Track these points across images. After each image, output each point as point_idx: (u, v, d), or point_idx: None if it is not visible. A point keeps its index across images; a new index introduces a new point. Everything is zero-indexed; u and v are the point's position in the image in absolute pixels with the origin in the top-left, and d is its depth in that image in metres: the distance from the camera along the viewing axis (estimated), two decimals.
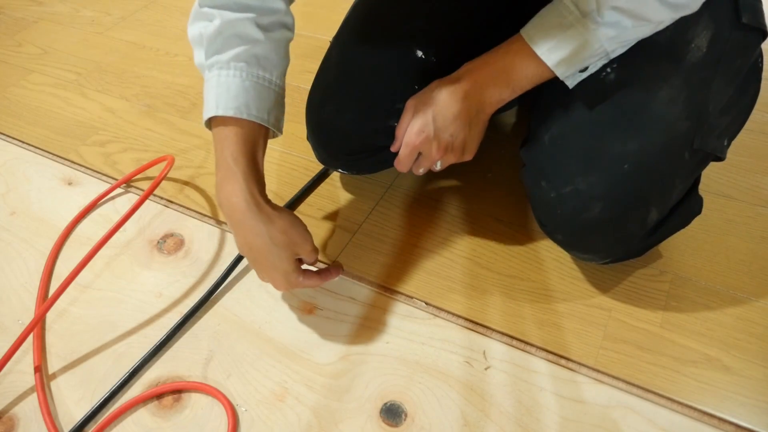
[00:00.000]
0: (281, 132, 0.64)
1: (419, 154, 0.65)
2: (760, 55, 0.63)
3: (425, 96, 0.63)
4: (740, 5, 0.59)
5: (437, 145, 0.63)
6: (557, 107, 0.61)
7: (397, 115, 0.69)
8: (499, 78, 0.60)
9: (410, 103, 0.64)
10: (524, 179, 0.65)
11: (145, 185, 0.84)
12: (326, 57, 0.74)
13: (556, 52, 0.56)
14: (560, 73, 0.57)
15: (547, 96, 0.64)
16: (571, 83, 0.58)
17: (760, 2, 0.62)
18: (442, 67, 0.69)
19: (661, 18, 0.53)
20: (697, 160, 0.61)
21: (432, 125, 0.62)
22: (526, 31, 0.58)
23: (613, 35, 0.54)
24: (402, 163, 0.66)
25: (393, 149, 0.67)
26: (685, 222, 0.67)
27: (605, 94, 0.58)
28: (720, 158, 0.63)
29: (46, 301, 0.65)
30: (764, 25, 0.61)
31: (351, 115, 0.69)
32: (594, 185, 0.57)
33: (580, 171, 0.58)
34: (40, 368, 0.63)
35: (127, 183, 0.85)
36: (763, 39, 0.62)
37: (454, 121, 0.62)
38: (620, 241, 0.61)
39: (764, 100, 0.91)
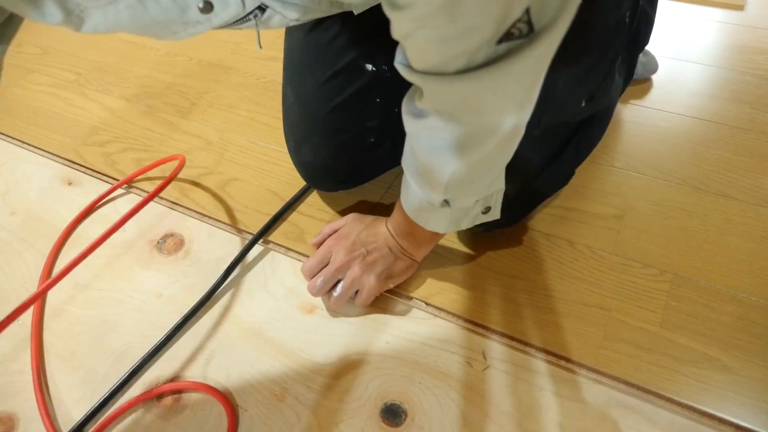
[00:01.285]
0: None
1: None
2: (631, 9, 0.61)
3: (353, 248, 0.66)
4: None
5: (347, 251, 0.64)
6: None
7: (371, 131, 0.69)
8: (410, 240, 0.65)
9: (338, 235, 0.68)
10: None
11: (146, 185, 0.84)
12: (283, 94, 0.75)
13: (441, 226, 0.60)
14: (464, 228, 0.61)
15: None
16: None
17: None
18: (394, 71, 0.69)
19: (505, 160, 0.53)
20: (552, 132, 0.61)
21: (354, 235, 0.65)
22: (407, 211, 0.61)
23: (474, 198, 0.56)
24: (308, 264, 0.66)
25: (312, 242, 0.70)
26: (558, 185, 0.69)
27: None
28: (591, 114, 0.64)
29: (50, 279, 0.63)
30: None
31: (328, 152, 0.70)
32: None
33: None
34: (39, 368, 0.63)
35: (129, 183, 0.85)
36: None
37: (376, 240, 0.65)
38: None
39: (764, 100, 0.92)
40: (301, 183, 0.82)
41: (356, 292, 0.65)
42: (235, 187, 0.83)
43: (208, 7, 0.41)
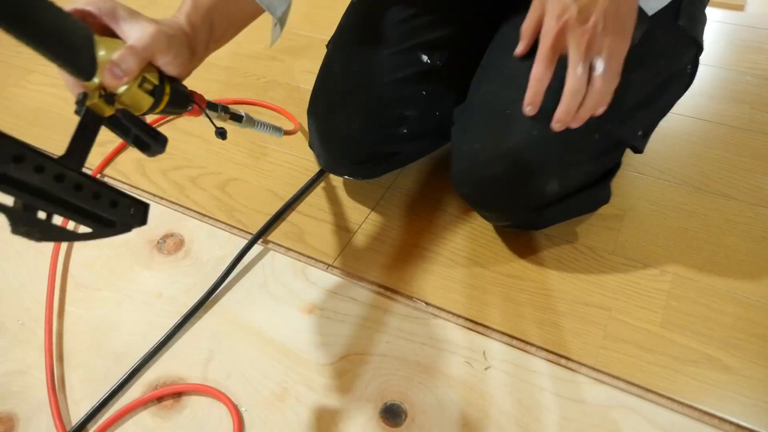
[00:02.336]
0: (278, 20, 0.62)
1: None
2: (693, 65, 0.63)
3: None
4: (681, 8, 0.59)
5: (582, 27, 0.51)
6: (493, 69, 0.62)
7: (406, 122, 0.69)
8: None
9: None
10: (451, 134, 0.66)
11: (115, 173, 0.84)
12: (327, 63, 0.74)
13: None
14: None
15: (487, 57, 0.64)
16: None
17: (703, 15, 0.62)
18: (447, 71, 0.69)
19: None
20: (607, 145, 0.61)
21: (574, 5, 0.51)
22: None
23: None
24: (541, 66, 0.53)
25: (518, 51, 0.57)
26: (591, 207, 0.70)
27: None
28: (637, 150, 0.64)
29: None
30: (699, 36, 0.61)
31: (359, 125, 0.69)
32: (501, 144, 0.58)
33: (494, 129, 0.59)
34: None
35: (101, 172, 0.85)
36: (697, 51, 0.62)
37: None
38: (517, 203, 0.62)
39: (764, 100, 0.92)
40: (301, 183, 0.82)
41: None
42: (235, 187, 0.83)
43: None
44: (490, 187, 0.61)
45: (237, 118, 0.60)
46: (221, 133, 0.56)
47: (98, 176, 0.86)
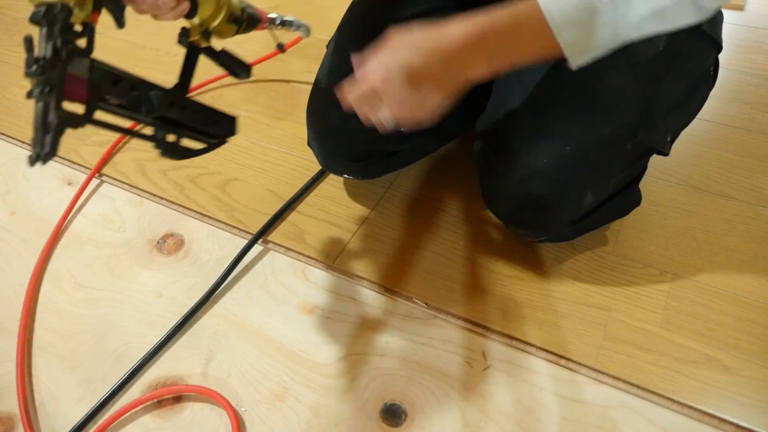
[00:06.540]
0: None
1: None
2: (715, 65, 0.64)
3: (406, 37, 0.53)
4: None
5: (388, 97, 0.53)
6: (516, 84, 0.62)
7: None
8: (497, 53, 0.50)
9: (390, 34, 0.54)
10: (475, 151, 0.66)
11: (112, 172, 0.84)
12: (329, 59, 0.74)
13: (577, 39, 0.46)
14: (574, 61, 0.48)
15: (509, 72, 0.63)
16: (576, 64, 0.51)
17: (720, 14, 0.63)
18: None
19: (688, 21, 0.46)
20: (638, 152, 0.62)
21: (395, 73, 0.52)
22: (548, 12, 0.45)
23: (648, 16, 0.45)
24: (354, 98, 0.56)
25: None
26: (623, 212, 0.69)
27: (561, 77, 0.59)
28: (663, 153, 0.64)
29: None
30: (719, 38, 0.62)
31: (356, 122, 0.69)
32: (535, 162, 0.58)
33: (526, 147, 0.59)
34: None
35: (99, 172, 0.85)
36: (718, 52, 0.63)
37: (421, 79, 0.52)
38: (555, 219, 0.62)
39: (764, 100, 0.92)
40: (301, 183, 0.82)
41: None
42: (235, 187, 0.83)
43: None
44: (527, 207, 0.61)
45: (288, 23, 0.76)
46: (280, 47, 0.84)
47: (96, 176, 0.86)
